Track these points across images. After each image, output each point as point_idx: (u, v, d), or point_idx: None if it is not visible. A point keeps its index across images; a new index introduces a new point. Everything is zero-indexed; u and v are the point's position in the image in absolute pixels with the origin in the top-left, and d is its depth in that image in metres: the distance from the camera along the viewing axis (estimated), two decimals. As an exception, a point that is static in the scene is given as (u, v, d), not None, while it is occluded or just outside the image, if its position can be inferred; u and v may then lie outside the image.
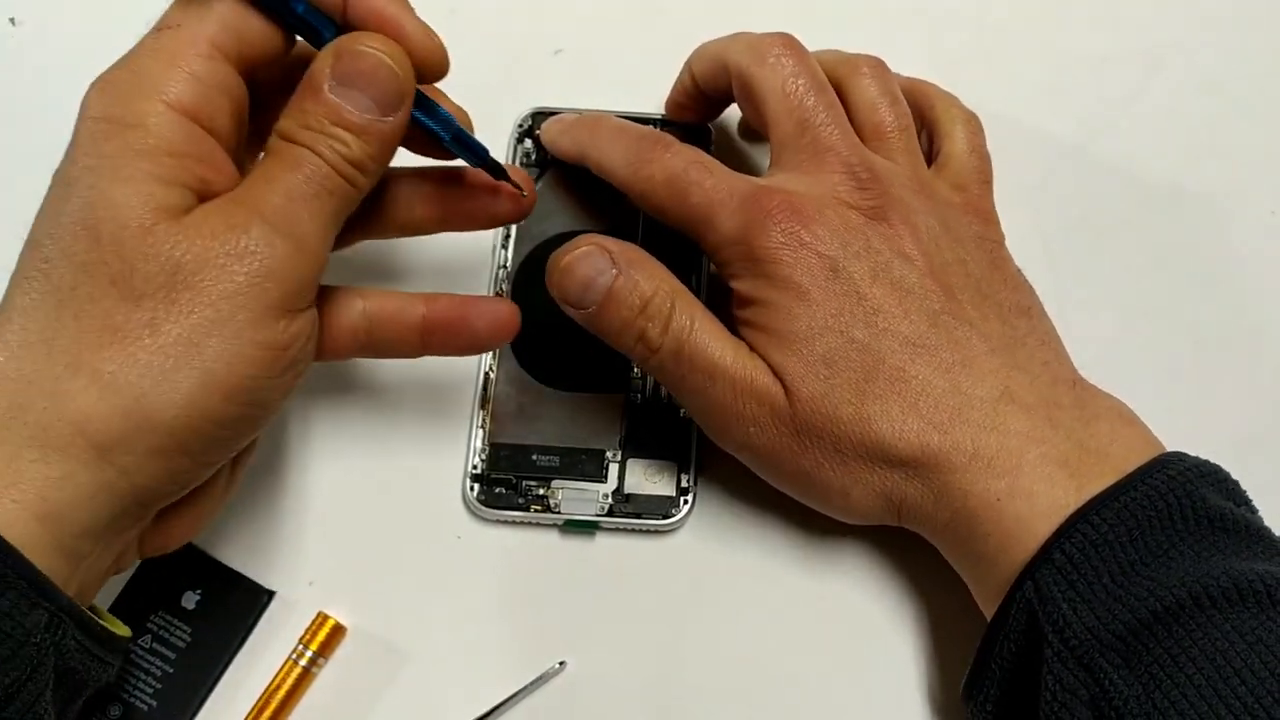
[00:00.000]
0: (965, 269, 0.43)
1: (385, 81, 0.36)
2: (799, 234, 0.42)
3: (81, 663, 0.36)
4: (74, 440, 0.34)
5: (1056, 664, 0.37)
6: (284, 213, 0.36)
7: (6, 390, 0.34)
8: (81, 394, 0.34)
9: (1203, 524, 0.38)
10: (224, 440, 0.37)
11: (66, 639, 0.34)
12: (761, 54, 0.45)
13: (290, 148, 0.36)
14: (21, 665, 0.33)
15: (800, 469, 0.43)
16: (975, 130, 0.48)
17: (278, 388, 0.37)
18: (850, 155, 0.43)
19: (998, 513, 0.40)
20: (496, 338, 0.43)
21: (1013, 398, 0.41)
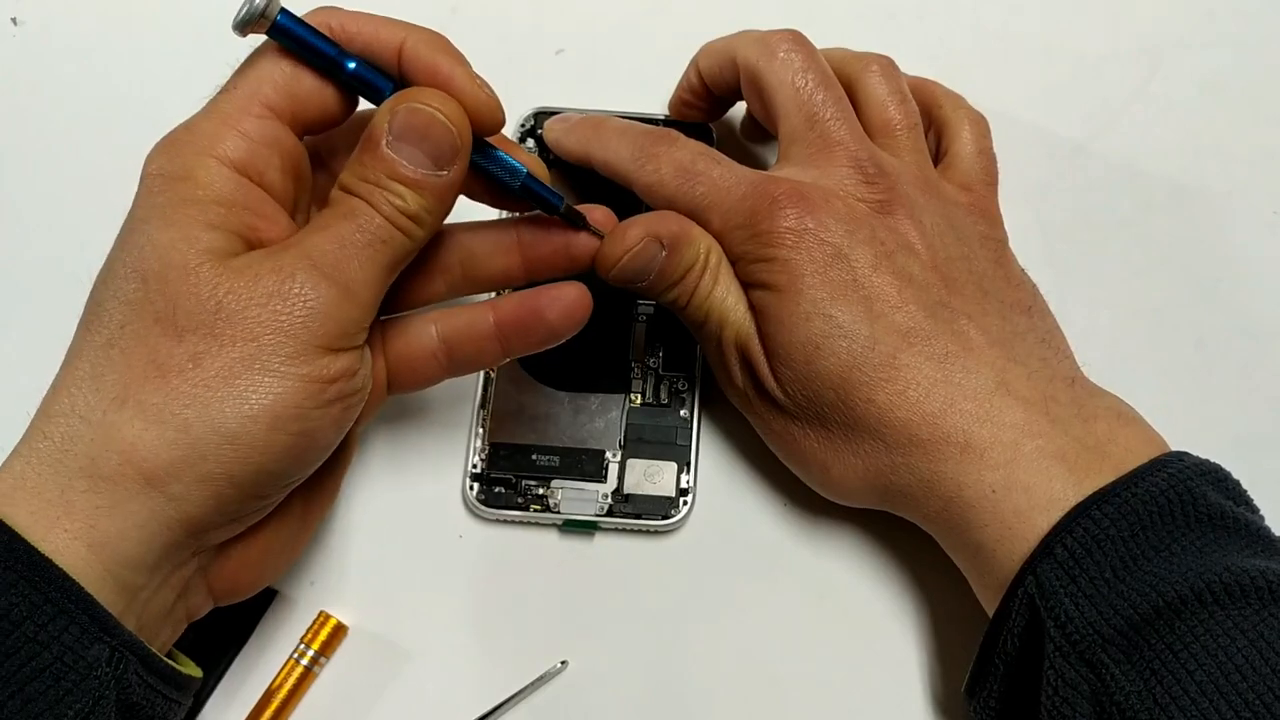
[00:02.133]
0: (968, 265, 0.44)
1: (440, 137, 0.37)
2: (804, 220, 0.42)
3: (146, 698, 0.36)
4: (122, 469, 0.34)
5: (1058, 658, 0.37)
6: (332, 259, 0.37)
7: (58, 425, 0.35)
8: (128, 425, 0.35)
9: (1204, 521, 0.38)
10: (271, 471, 0.36)
11: (128, 674, 0.35)
12: (771, 49, 0.45)
13: (347, 199, 0.37)
14: (84, 699, 0.33)
15: (785, 434, 0.44)
16: (982, 131, 0.48)
17: (325, 419, 0.37)
18: (858, 150, 0.44)
19: (994, 504, 0.40)
20: (572, 321, 0.42)
21: (1009, 390, 0.41)
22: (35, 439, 0.35)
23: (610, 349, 0.48)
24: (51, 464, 0.35)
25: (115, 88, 0.40)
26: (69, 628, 0.33)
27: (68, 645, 0.33)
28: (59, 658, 0.33)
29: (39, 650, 0.33)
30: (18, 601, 0.33)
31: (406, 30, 0.39)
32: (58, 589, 0.33)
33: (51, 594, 0.33)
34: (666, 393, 0.48)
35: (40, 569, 0.33)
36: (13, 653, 0.33)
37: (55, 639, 0.33)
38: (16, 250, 0.38)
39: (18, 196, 0.51)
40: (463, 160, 0.38)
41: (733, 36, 0.48)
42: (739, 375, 0.44)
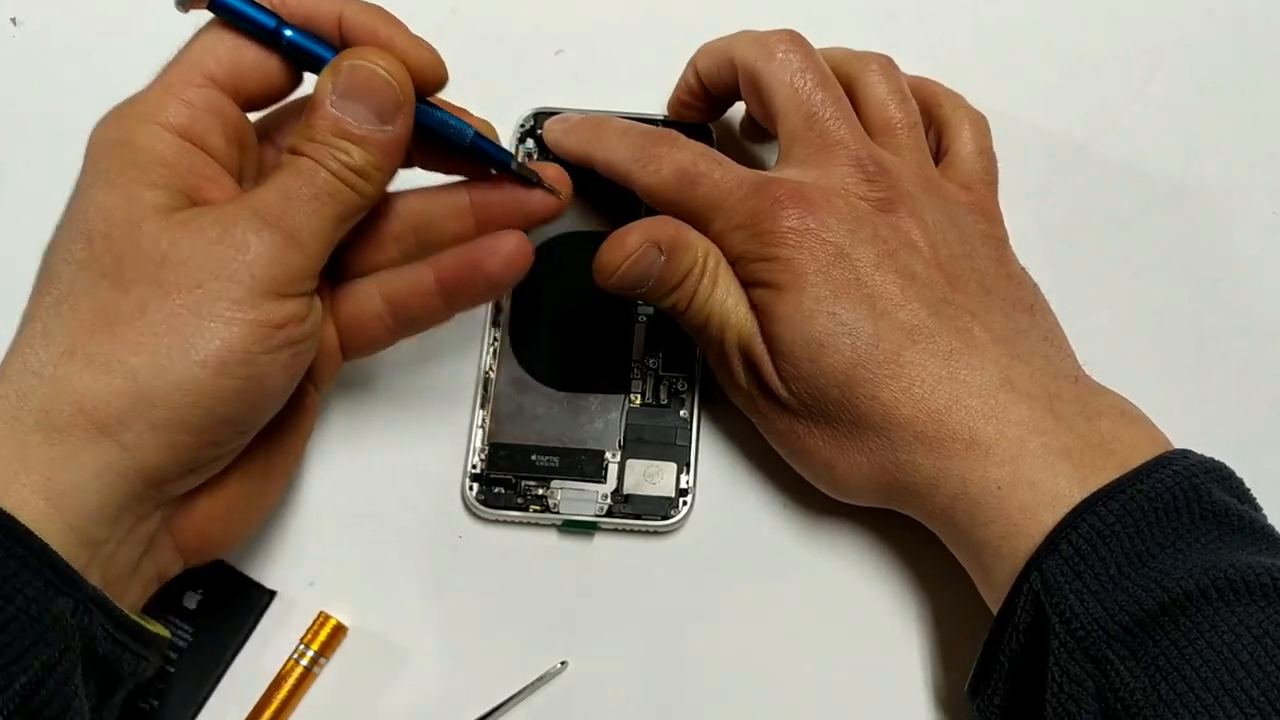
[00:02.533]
0: (971, 263, 0.44)
1: (382, 92, 0.38)
2: (806, 220, 0.42)
3: (112, 651, 0.36)
4: (74, 420, 0.35)
5: (1063, 655, 0.37)
6: (277, 208, 0.37)
7: (12, 384, 0.36)
8: (77, 375, 0.35)
9: (1208, 519, 0.38)
10: (222, 417, 0.37)
11: (94, 626, 0.35)
12: (769, 50, 0.45)
13: (295, 159, 0.38)
14: (49, 650, 0.34)
15: (789, 432, 0.44)
16: (983, 130, 0.48)
17: (274, 365, 0.37)
18: (858, 149, 0.44)
19: (999, 501, 0.40)
20: (512, 271, 0.43)
21: (1013, 387, 0.41)
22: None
23: (610, 349, 0.48)
24: (7, 422, 0.35)
25: (115, 88, 0.40)
26: (32, 581, 0.34)
27: (31, 598, 0.33)
28: (23, 610, 0.33)
29: (3, 604, 0.33)
30: None
31: (344, 2, 0.40)
32: (20, 543, 0.34)
33: (14, 549, 0.33)
34: (666, 393, 0.48)
35: (5, 528, 0.33)
36: None
37: (19, 591, 0.33)
38: (16, 251, 0.38)
39: (18, 197, 0.52)
40: (406, 115, 0.39)
41: (730, 37, 0.48)
42: (742, 376, 0.44)
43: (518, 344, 0.48)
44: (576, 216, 0.50)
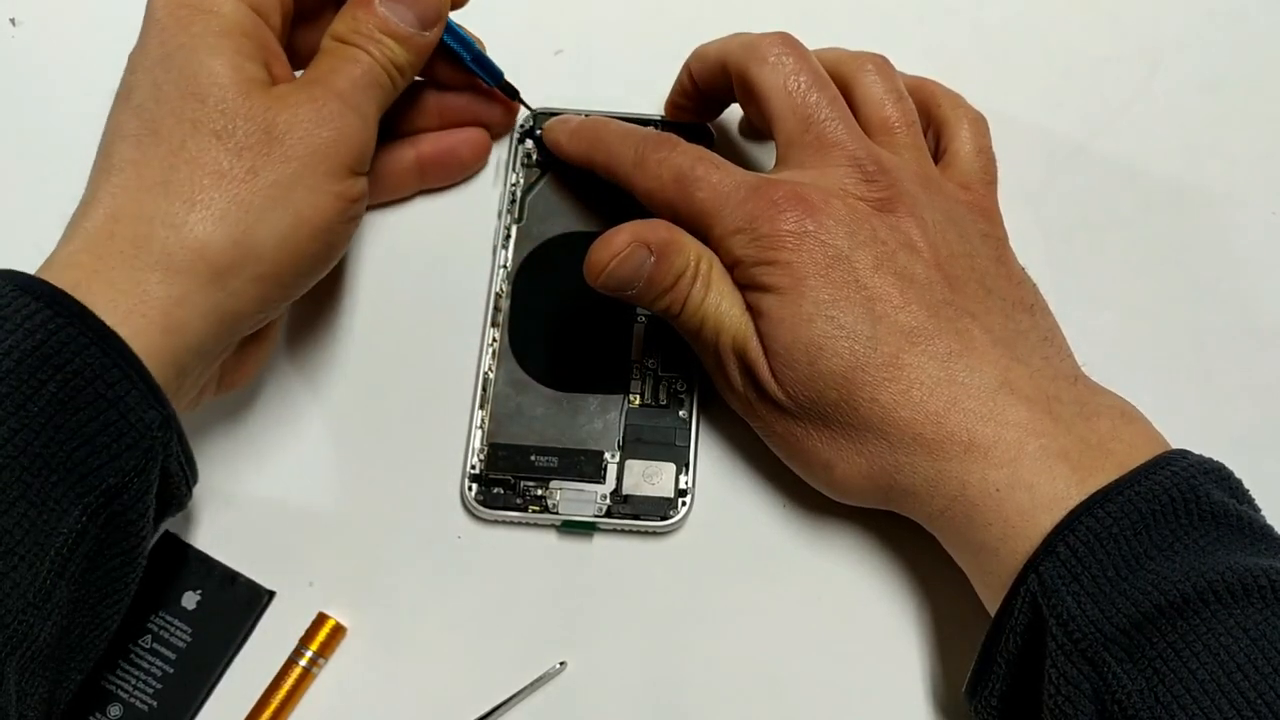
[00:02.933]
0: (971, 263, 0.44)
1: (430, 4, 0.45)
2: (804, 223, 0.42)
3: (177, 471, 0.40)
4: (195, 265, 0.39)
5: (1060, 657, 0.37)
6: (350, 95, 0.42)
7: (129, 227, 0.39)
8: (199, 225, 0.39)
9: (1207, 520, 0.38)
10: (305, 273, 0.43)
11: (173, 443, 0.39)
12: (761, 53, 0.45)
13: (345, 48, 0.43)
14: (138, 456, 0.37)
15: (787, 435, 0.44)
16: (981, 130, 0.48)
17: (345, 234, 0.43)
18: (856, 149, 0.44)
19: (998, 503, 0.40)
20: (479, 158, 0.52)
21: (1012, 389, 0.41)
22: (100, 238, 0.39)
23: (609, 350, 0.48)
24: (124, 261, 0.39)
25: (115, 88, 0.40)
26: (131, 391, 0.37)
27: (130, 406, 0.37)
28: (123, 416, 0.37)
29: (105, 407, 0.37)
30: (90, 363, 0.36)
31: None
32: (123, 357, 0.37)
33: (118, 360, 0.37)
34: (665, 394, 0.48)
35: (109, 339, 0.37)
36: (84, 406, 0.36)
37: (120, 399, 0.37)
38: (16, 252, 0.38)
39: (18, 197, 0.52)
40: (441, 24, 0.46)
41: (723, 40, 0.48)
42: (738, 380, 0.44)
43: (516, 344, 0.48)
44: (575, 218, 0.50)
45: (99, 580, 0.38)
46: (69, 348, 0.36)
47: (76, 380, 0.36)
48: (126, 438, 0.37)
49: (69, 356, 0.36)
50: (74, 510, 0.36)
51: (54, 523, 0.36)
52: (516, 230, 0.50)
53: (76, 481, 0.36)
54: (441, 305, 0.50)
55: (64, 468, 0.36)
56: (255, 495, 0.47)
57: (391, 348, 0.49)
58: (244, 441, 0.48)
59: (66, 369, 0.36)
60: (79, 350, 0.36)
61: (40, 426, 0.36)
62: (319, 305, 0.50)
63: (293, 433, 0.48)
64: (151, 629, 0.45)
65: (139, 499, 0.38)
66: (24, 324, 0.36)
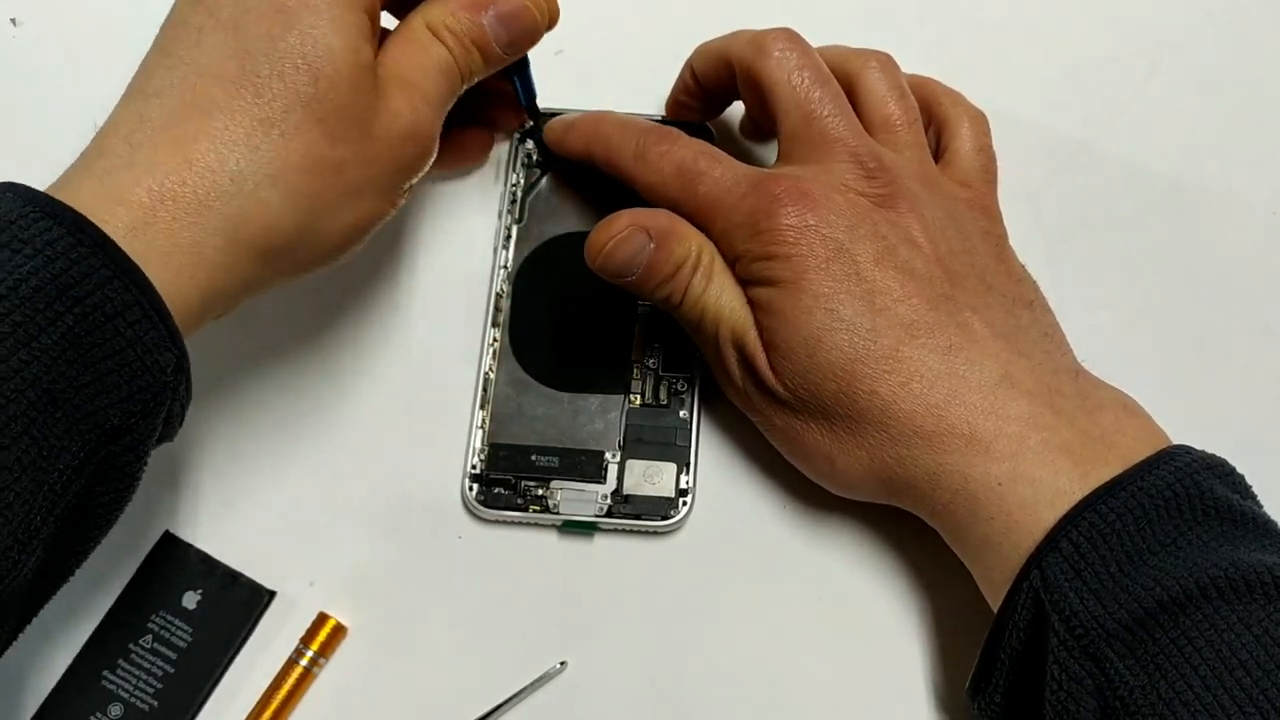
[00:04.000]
0: (970, 259, 0.44)
1: (527, 32, 0.45)
2: (805, 216, 0.42)
3: (178, 413, 0.39)
4: (256, 240, 0.38)
5: (1063, 653, 0.37)
6: (438, 106, 0.43)
7: (204, 179, 0.38)
8: (275, 204, 0.39)
9: (1210, 516, 0.38)
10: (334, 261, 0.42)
11: (182, 388, 0.38)
12: (765, 49, 0.45)
13: (435, 44, 0.43)
14: (148, 398, 0.36)
15: (788, 429, 0.44)
16: (982, 128, 0.48)
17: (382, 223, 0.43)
18: (858, 145, 0.44)
19: (1000, 497, 0.40)
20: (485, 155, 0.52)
21: (1013, 382, 0.41)
22: (172, 182, 0.37)
23: (609, 350, 0.48)
24: (191, 213, 0.37)
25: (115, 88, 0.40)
26: (151, 330, 0.36)
27: (148, 346, 0.36)
28: (139, 356, 0.36)
29: (123, 346, 0.35)
30: (111, 297, 0.35)
31: None
32: (146, 294, 0.36)
33: (142, 300, 0.36)
34: (666, 393, 0.48)
35: (133, 273, 0.36)
36: (100, 343, 0.35)
37: (139, 338, 0.36)
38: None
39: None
40: (520, 54, 0.46)
41: (727, 37, 0.48)
42: (738, 373, 0.44)
43: (517, 344, 0.48)
44: (576, 218, 0.50)
45: (85, 518, 0.37)
46: (91, 279, 0.35)
47: (96, 315, 0.35)
48: (140, 379, 0.36)
49: (90, 289, 0.35)
50: (73, 447, 0.35)
51: (52, 460, 0.34)
52: (517, 230, 0.50)
53: (81, 419, 0.35)
54: (442, 305, 0.50)
55: (71, 404, 0.35)
56: (256, 496, 0.47)
57: (392, 348, 0.49)
58: (244, 442, 0.48)
59: (87, 301, 0.35)
60: (101, 283, 0.35)
61: (52, 361, 0.34)
62: (319, 305, 0.50)
63: (293, 433, 0.48)
64: (152, 629, 0.45)
65: (141, 441, 0.37)
66: (44, 250, 0.34)
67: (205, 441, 0.48)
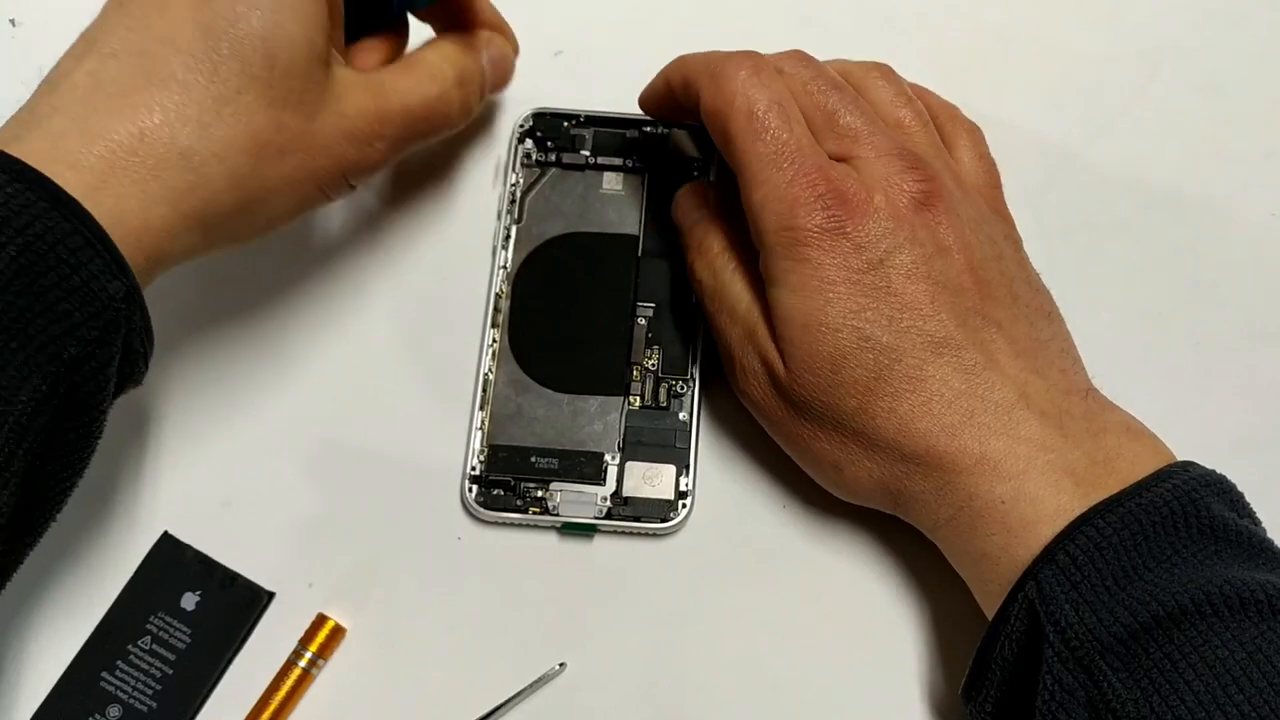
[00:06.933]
0: (1000, 266, 0.43)
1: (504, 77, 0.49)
2: (843, 224, 0.41)
3: (138, 346, 0.39)
4: (200, 211, 0.39)
5: (1056, 664, 0.37)
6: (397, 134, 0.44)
7: (155, 151, 0.38)
8: (218, 180, 0.39)
9: (1206, 533, 0.38)
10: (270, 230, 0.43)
11: (135, 317, 0.38)
12: (777, 68, 0.45)
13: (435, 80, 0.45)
14: (102, 326, 0.37)
15: (795, 434, 0.44)
16: (979, 139, 0.48)
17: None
18: (890, 142, 0.43)
19: (1003, 514, 0.40)
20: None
21: (1028, 403, 0.41)
22: (124, 150, 0.38)
23: (609, 351, 0.48)
24: (139, 183, 0.38)
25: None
26: (94, 259, 0.36)
27: (93, 274, 0.36)
28: (85, 283, 0.36)
29: (68, 273, 0.36)
30: (51, 227, 0.35)
31: None
32: (85, 224, 0.36)
33: (82, 229, 0.36)
34: (665, 395, 0.48)
35: (69, 204, 0.36)
36: (45, 272, 0.35)
37: (82, 265, 0.36)
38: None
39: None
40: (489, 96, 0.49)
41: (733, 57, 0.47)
42: (753, 377, 0.44)
43: (516, 345, 0.48)
44: (575, 218, 0.50)
45: (55, 454, 0.38)
46: (29, 211, 0.35)
47: (38, 244, 0.35)
48: (89, 306, 0.36)
49: (29, 220, 0.35)
50: (34, 378, 0.35)
51: (13, 389, 0.35)
52: (516, 231, 0.50)
53: (37, 350, 0.35)
54: (441, 306, 0.50)
55: (24, 334, 0.35)
56: (255, 496, 0.47)
57: (391, 349, 0.49)
58: (244, 442, 0.48)
59: (27, 232, 0.35)
60: (39, 214, 0.35)
61: (0, 290, 0.35)
62: (318, 305, 0.50)
63: (293, 434, 0.48)
64: (151, 630, 0.45)
65: (100, 370, 0.37)
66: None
67: (205, 442, 0.48)
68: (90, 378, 0.37)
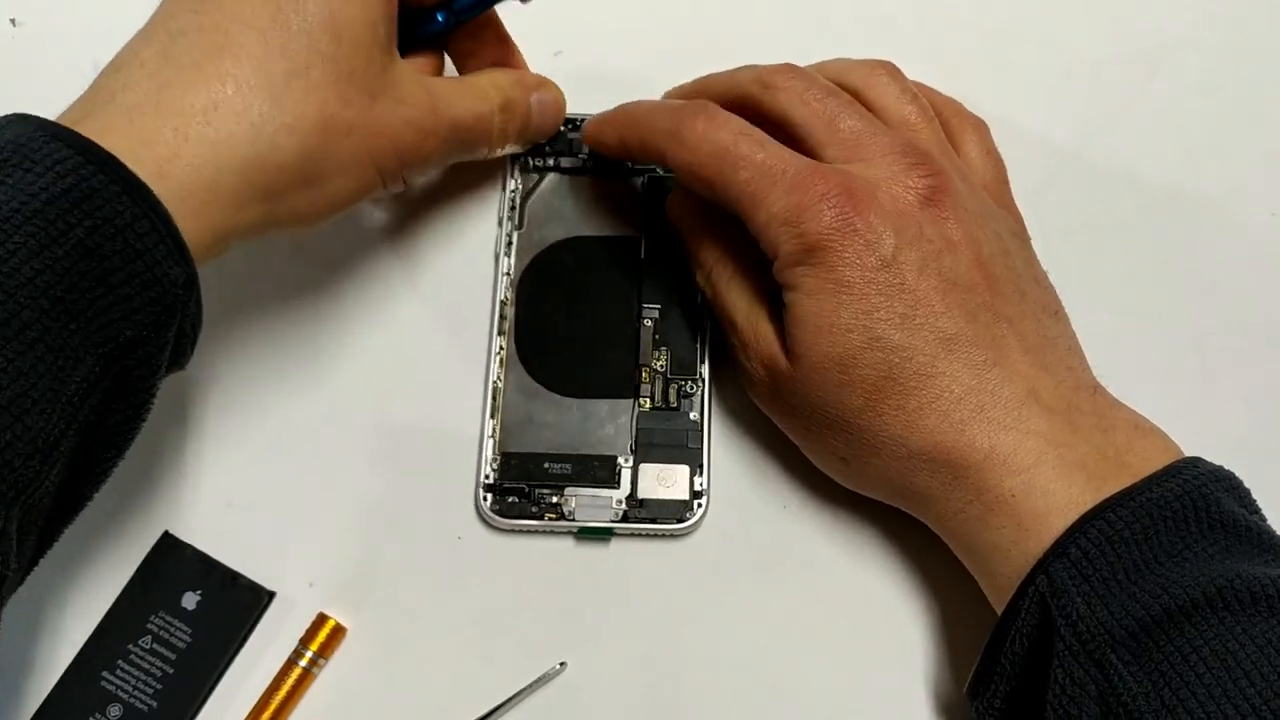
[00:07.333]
0: (1007, 262, 0.43)
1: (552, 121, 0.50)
2: (851, 220, 0.41)
3: (189, 332, 0.40)
4: (270, 183, 0.40)
5: (1067, 658, 0.37)
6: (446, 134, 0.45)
7: (226, 123, 0.39)
8: (289, 153, 0.40)
9: (1216, 528, 0.38)
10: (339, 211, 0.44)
11: (191, 302, 0.39)
12: (771, 84, 0.45)
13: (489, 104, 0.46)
14: (160, 311, 0.37)
15: (805, 432, 0.44)
16: (985, 133, 0.48)
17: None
18: (893, 140, 0.43)
19: (1012, 508, 0.40)
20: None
21: (1037, 399, 0.41)
22: (199, 123, 0.39)
23: (617, 354, 0.48)
24: (212, 153, 0.39)
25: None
26: (159, 245, 0.37)
27: (157, 259, 0.37)
28: (149, 268, 0.37)
29: (133, 258, 0.36)
30: (120, 211, 0.36)
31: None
32: (154, 210, 0.37)
33: (150, 214, 0.37)
34: (675, 396, 0.48)
35: (139, 190, 0.37)
36: (110, 255, 0.36)
37: (148, 251, 0.37)
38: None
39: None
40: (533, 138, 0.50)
41: (731, 73, 0.47)
42: (759, 380, 0.45)
43: (524, 351, 0.48)
44: (576, 222, 0.50)
45: (103, 434, 0.38)
46: (100, 194, 0.36)
47: (105, 228, 0.36)
48: (150, 291, 0.37)
49: (99, 203, 0.36)
50: (89, 359, 0.36)
51: (69, 370, 0.35)
52: (518, 237, 0.50)
53: (95, 331, 0.36)
54: (447, 314, 0.50)
55: (84, 315, 0.36)
56: (256, 496, 0.47)
57: (399, 358, 0.49)
58: (244, 443, 0.48)
59: (96, 215, 0.36)
60: (110, 198, 0.36)
61: (65, 270, 0.35)
62: (320, 312, 0.50)
63: (293, 434, 0.48)
64: (151, 629, 0.45)
65: (154, 355, 0.38)
66: (54, 168, 0.36)
67: (205, 442, 0.48)
68: (143, 361, 0.38)
